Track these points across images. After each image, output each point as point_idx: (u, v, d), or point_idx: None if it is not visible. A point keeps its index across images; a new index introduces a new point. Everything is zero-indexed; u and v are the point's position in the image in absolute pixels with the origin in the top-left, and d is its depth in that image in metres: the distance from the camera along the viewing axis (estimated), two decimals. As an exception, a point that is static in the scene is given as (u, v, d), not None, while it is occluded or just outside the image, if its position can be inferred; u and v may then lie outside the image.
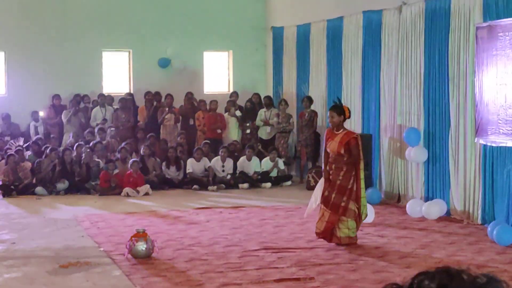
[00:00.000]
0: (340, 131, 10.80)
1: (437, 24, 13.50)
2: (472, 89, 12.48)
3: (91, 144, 17.61)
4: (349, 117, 10.91)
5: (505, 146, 11.70)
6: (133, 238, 10.01)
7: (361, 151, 10.83)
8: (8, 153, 16.88)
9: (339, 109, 10.80)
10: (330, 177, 10.87)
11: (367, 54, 15.90)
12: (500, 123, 11.75)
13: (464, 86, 12.72)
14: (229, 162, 17.71)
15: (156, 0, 20.57)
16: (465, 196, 12.79)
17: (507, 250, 10.45)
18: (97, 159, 17.16)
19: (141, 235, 10.05)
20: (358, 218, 10.82)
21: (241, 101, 19.95)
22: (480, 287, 1.47)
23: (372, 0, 15.77)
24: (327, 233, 10.81)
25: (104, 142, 18.01)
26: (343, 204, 10.71)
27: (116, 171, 16.75)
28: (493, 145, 11.97)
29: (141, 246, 9.93)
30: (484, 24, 12.08)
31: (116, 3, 20.32)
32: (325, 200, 10.79)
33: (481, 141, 12.24)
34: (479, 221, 12.32)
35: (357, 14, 16.22)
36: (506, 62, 11.60)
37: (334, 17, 17.26)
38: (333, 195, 10.73)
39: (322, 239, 10.86)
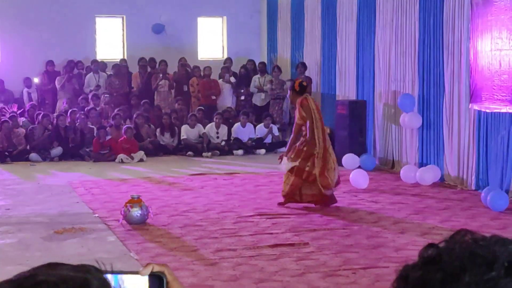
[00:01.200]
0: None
1: (432, -11, 13.44)
2: (466, 55, 12.45)
3: (85, 110, 17.58)
4: (298, 89, 11.08)
5: (499, 112, 11.70)
6: (127, 204, 10.01)
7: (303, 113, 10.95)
8: (2, 120, 16.85)
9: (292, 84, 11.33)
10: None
11: (361, 21, 15.84)
12: (494, 89, 11.74)
13: (459, 52, 12.69)
14: (224, 129, 17.71)
15: (149, -34, 20.44)
16: (459, 162, 12.82)
17: (500, 215, 10.49)
18: (91, 125, 17.14)
19: (135, 201, 10.05)
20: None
21: (235, 68, 19.91)
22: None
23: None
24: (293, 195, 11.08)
25: (98, 108, 17.98)
26: (307, 168, 10.91)
27: (108, 137, 16.73)
28: (487, 111, 11.97)
29: (136, 212, 9.94)
30: (480, -10, 12.03)
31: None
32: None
33: (475, 107, 12.24)
34: (473, 187, 12.36)
35: (352, -20, 16.15)
36: (501, 27, 11.56)
37: (329, -17, 17.19)
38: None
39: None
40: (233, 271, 7.82)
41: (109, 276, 1.45)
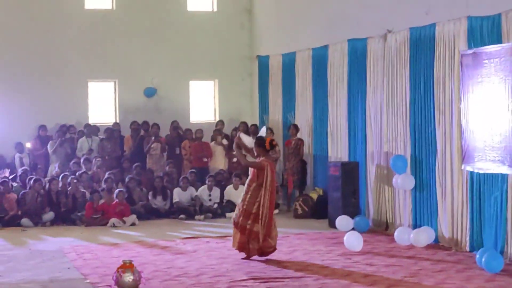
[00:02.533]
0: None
1: (422, 51, 13.55)
2: (458, 116, 12.50)
3: (77, 174, 17.53)
4: (269, 148, 12.16)
5: (492, 173, 11.70)
6: (119, 269, 9.90)
7: (265, 175, 11.87)
8: (-7, 185, 16.76)
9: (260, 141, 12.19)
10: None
11: (352, 82, 15.93)
12: (486, 149, 11.75)
13: (450, 113, 12.74)
14: (216, 191, 17.66)
15: (141, 30, 20.58)
16: (453, 223, 12.77)
17: (496, 277, 10.42)
18: (83, 190, 17.07)
19: (127, 266, 9.94)
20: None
21: (227, 130, 19.95)
22: None
23: (357, 28, 15.82)
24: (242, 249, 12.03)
25: (90, 172, 17.93)
26: (248, 226, 11.87)
27: (102, 201, 16.65)
28: (480, 171, 11.96)
29: (128, 277, 9.82)
30: (469, 51, 12.12)
31: (101, 33, 20.30)
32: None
33: (468, 168, 12.24)
34: (468, 248, 12.29)
35: (342, 42, 16.27)
36: (491, 89, 11.63)
37: (319, 45, 17.31)
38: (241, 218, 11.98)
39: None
40: (227, 338, 7.71)
41: None
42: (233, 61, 21.31)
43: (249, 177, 12.12)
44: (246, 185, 12.14)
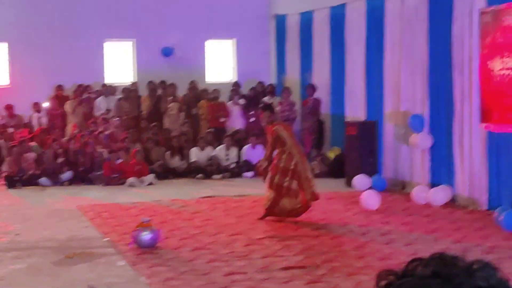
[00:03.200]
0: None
1: (440, 10, 13.40)
2: (476, 75, 12.39)
3: (94, 134, 17.57)
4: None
5: (511, 133, 11.62)
6: (138, 228, 9.98)
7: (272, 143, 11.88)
8: (12, 144, 16.86)
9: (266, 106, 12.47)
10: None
11: (370, 41, 15.81)
12: (505, 108, 11.66)
13: (469, 72, 12.63)
14: (233, 151, 17.68)
15: (158, -11, 20.49)
16: (470, 182, 12.73)
17: (513, 235, 10.41)
18: (101, 149, 17.12)
19: (145, 224, 10.02)
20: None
21: (245, 90, 19.91)
22: (474, 274, 1.46)
23: (375, -13, 15.68)
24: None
25: (107, 132, 17.97)
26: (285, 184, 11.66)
27: (119, 160, 16.71)
28: (498, 131, 11.89)
29: (146, 236, 9.90)
30: (488, 9, 11.99)
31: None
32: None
33: (487, 127, 12.17)
34: (485, 207, 12.27)
35: (360, 1, 16.13)
36: (510, 46, 11.50)
37: (337, 4, 17.17)
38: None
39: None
40: (244, 295, 7.76)
41: None
42: (251, 20, 21.17)
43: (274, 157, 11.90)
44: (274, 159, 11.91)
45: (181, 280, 8.39)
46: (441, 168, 13.56)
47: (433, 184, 13.60)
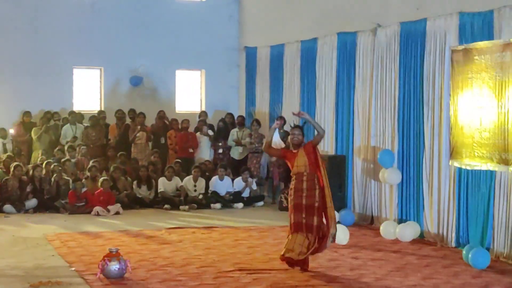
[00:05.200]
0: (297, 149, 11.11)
1: (412, 46, 13.51)
2: (447, 112, 12.48)
3: (60, 161, 17.40)
4: None
5: (480, 170, 11.69)
6: (105, 258, 9.84)
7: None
8: (-24, 170, 16.63)
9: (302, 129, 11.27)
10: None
11: (341, 76, 15.87)
12: (475, 146, 11.74)
13: (439, 109, 12.72)
14: (201, 182, 17.59)
15: (128, 18, 20.44)
16: (439, 219, 12.77)
17: (482, 273, 10.42)
18: (67, 177, 16.94)
19: (113, 255, 9.88)
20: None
21: (214, 121, 19.87)
22: None
23: (347, 22, 15.78)
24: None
25: (74, 160, 17.80)
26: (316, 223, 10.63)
27: (84, 189, 16.53)
28: (468, 168, 11.96)
29: (114, 266, 9.76)
30: (460, 47, 12.11)
31: (87, 20, 20.13)
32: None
33: (456, 164, 12.23)
34: (453, 244, 12.30)
35: (331, 35, 16.20)
36: (481, 85, 11.61)
37: (308, 38, 17.24)
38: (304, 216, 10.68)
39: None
40: (214, 328, 7.66)
41: None
42: (220, 51, 21.22)
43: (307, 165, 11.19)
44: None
45: (150, 312, 8.26)
46: (410, 204, 13.59)
47: (401, 220, 13.62)
